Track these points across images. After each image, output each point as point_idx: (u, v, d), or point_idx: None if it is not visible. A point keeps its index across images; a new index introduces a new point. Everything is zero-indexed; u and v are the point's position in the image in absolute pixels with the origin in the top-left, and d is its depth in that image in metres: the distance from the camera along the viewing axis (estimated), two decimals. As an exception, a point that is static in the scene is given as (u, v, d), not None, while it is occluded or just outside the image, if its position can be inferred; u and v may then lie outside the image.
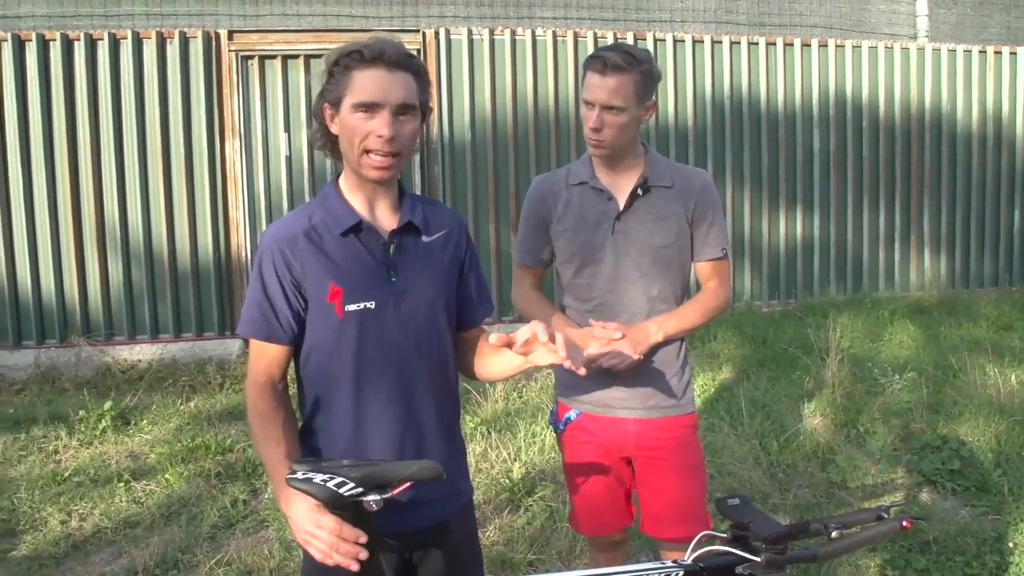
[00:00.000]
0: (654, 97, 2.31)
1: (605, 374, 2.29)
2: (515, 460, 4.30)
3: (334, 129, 1.72)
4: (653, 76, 2.27)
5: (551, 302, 2.53)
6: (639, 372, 2.31)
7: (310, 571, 1.73)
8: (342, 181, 1.80)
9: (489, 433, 4.63)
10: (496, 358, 1.87)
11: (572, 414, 2.42)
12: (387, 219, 1.78)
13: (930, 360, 5.78)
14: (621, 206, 2.33)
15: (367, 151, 1.68)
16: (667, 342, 2.35)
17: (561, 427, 2.46)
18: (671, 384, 2.38)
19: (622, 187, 2.34)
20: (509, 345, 1.65)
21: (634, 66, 2.20)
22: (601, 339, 2.21)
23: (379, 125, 1.65)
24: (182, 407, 5.44)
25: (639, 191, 2.32)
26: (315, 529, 1.54)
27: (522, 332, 1.62)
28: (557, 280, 2.51)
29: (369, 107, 1.66)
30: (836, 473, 4.12)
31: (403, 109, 1.68)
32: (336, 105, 1.69)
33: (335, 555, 1.53)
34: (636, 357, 2.25)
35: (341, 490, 1.46)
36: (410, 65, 1.71)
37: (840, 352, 5.30)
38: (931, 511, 3.69)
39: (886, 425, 4.67)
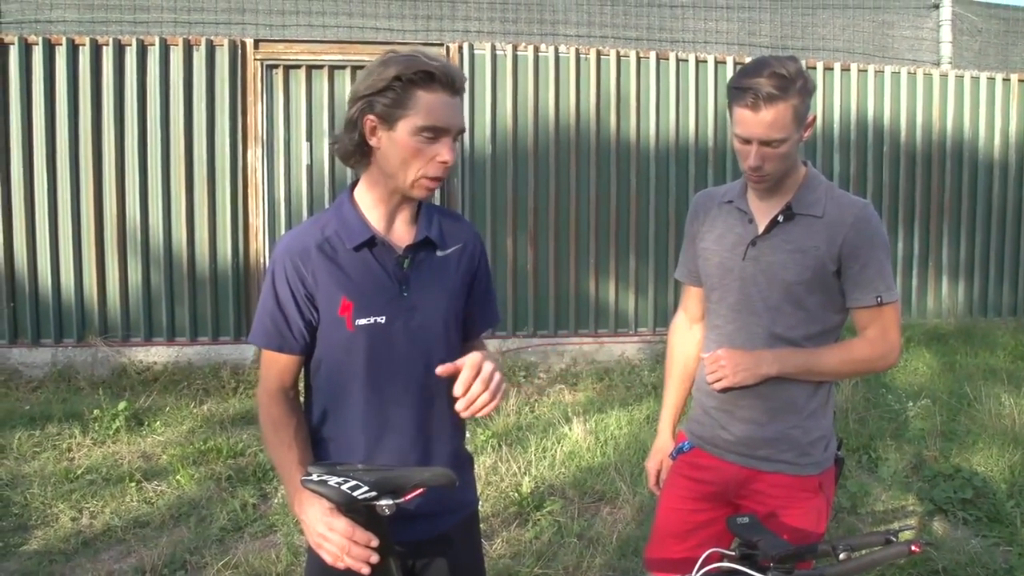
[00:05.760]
0: (812, 112, 2.02)
1: (723, 412, 2.14)
2: (525, 474, 4.29)
3: (374, 142, 1.67)
4: (809, 91, 1.97)
5: (687, 357, 2.37)
6: (754, 414, 2.10)
7: (315, 574, 1.73)
8: (359, 192, 1.78)
9: (500, 447, 4.63)
10: None
11: (686, 445, 2.27)
12: (404, 233, 1.77)
13: (945, 388, 5.74)
14: (760, 230, 2.09)
15: (426, 175, 1.66)
16: (795, 384, 2.08)
17: (673, 455, 2.32)
18: (792, 435, 2.08)
19: (766, 210, 2.11)
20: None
21: (789, 90, 1.91)
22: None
23: (443, 151, 1.64)
24: (195, 410, 5.48)
25: (780, 217, 2.07)
26: (327, 532, 1.55)
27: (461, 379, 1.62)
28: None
29: (436, 132, 1.63)
30: (847, 498, 4.09)
31: (460, 135, 1.69)
32: (389, 121, 1.64)
33: (346, 558, 1.53)
34: (732, 380, 2.06)
35: (355, 493, 1.46)
36: (464, 90, 1.71)
37: (854, 377, 5.27)
38: (941, 540, 3.66)
39: (899, 452, 4.64)
